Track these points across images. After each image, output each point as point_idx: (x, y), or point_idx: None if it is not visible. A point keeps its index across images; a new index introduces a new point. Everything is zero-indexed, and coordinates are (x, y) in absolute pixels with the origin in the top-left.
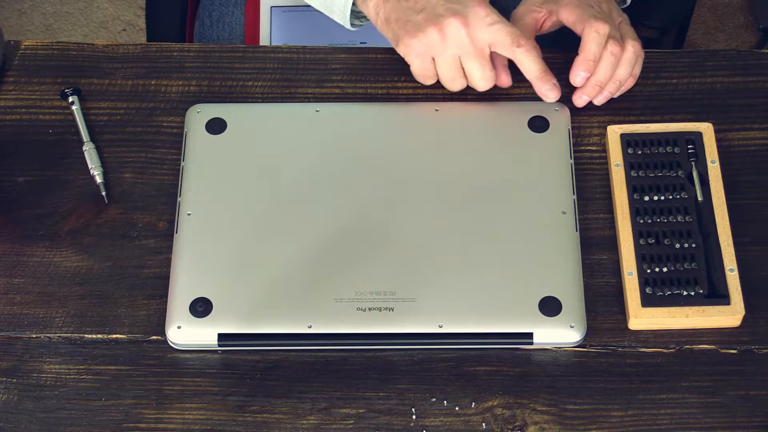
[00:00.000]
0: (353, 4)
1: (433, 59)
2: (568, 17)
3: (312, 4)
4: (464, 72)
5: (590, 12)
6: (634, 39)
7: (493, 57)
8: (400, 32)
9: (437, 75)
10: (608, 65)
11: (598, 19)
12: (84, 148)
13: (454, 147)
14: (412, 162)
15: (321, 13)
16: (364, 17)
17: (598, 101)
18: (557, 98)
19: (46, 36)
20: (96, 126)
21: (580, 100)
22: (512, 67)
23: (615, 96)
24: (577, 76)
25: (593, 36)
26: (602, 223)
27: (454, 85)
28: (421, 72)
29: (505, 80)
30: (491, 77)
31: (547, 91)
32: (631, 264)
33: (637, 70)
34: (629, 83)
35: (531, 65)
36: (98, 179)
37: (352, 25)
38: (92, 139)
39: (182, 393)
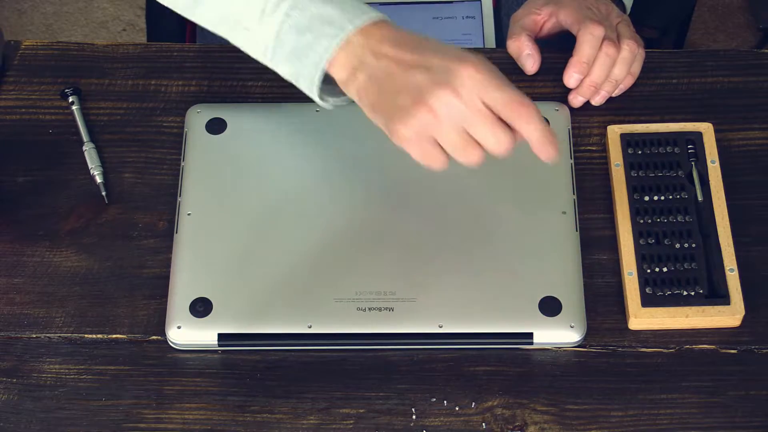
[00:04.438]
0: (328, 82)
1: (435, 140)
2: (566, 19)
3: (286, 77)
4: (476, 141)
5: (587, 14)
6: (630, 38)
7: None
8: (389, 122)
9: (445, 156)
10: (603, 66)
11: (594, 21)
12: (84, 148)
13: None
14: (412, 162)
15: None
16: (342, 95)
17: (596, 101)
18: (554, 154)
19: (46, 36)
20: (96, 126)
21: (575, 100)
22: (516, 69)
23: (614, 95)
24: (570, 78)
25: (587, 38)
26: (602, 223)
27: (470, 157)
28: (426, 158)
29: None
30: (506, 139)
31: (547, 152)
32: (631, 264)
33: (636, 69)
34: (628, 82)
35: (530, 133)
36: (98, 179)
37: (324, 100)
38: (92, 139)
39: (182, 393)
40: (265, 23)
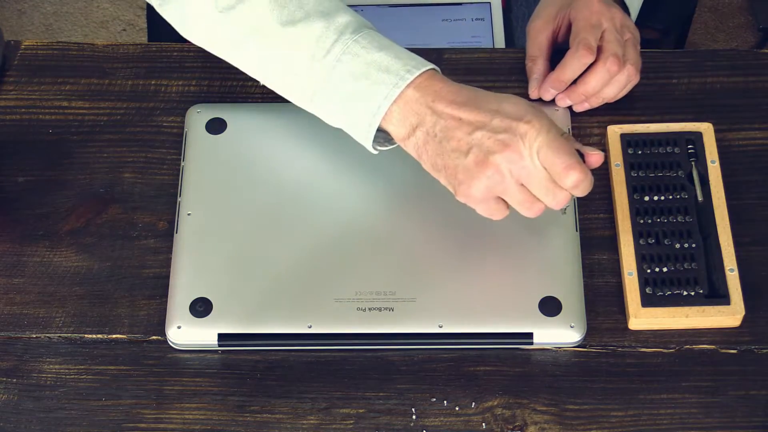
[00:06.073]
0: (383, 131)
1: (499, 197)
2: (574, 26)
3: (330, 122)
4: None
5: (591, 28)
6: (633, 63)
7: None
8: (454, 181)
9: (507, 208)
10: (600, 80)
11: (587, 45)
12: None
13: None
14: (413, 161)
15: None
16: (390, 144)
17: (577, 108)
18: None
19: (46, 36)
20: (96, 126)
21: (561, 101)
22: (524, 70)
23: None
24: (545, 92)
25: (575, 60)
26: (602, 223)
27: (533, 211)
28: (491, 214)
29: (596, 160)
30: (563, 198)
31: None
32: (631, 264)
33: (622, 94)
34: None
35: (577, 195)
36: None
37: (377, 149)
38: (92, 139)
39: (182, 393)
40: (315, 69)
